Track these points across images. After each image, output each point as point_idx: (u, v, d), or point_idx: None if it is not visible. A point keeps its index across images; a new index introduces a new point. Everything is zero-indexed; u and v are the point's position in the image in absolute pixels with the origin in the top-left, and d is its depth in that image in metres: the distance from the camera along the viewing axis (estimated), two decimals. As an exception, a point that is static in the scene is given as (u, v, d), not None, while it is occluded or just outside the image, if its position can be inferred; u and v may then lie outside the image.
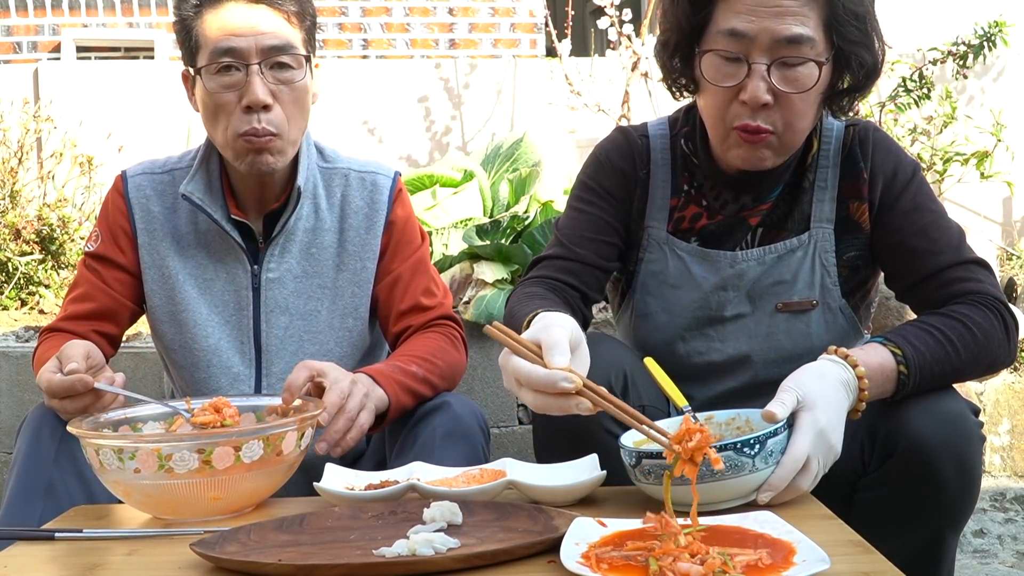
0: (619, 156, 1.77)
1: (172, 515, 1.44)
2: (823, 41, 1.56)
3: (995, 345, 1.56)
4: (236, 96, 1.78)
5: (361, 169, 1.97)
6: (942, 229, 1.65)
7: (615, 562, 1.11)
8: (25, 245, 3.57)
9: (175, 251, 1.90)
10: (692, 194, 1.74)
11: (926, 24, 4.80)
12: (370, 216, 1.94)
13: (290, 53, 1.79)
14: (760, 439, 1.29)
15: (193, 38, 1.81)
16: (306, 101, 1.85)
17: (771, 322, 1.70)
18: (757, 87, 1.55)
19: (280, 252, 1.90)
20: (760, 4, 1.53)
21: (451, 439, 1.72)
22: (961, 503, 1.51)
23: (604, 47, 4.63)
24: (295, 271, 1.90)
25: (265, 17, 1.79)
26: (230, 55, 1.77)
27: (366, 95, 4.80)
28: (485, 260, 3.01)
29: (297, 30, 1.82)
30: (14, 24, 5.14)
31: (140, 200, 1.93)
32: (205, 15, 1.79)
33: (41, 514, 1.59)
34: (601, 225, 1.75)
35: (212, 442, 1.39)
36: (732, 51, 1.56)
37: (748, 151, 1.60)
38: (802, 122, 1.60)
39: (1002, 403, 3.01)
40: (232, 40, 1.77)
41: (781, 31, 1.53)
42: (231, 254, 1.90)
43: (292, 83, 1.80)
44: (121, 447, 1.40)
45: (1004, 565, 2.66)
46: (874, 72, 1.62)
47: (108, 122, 4.45)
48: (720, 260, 1.71)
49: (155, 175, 1.95)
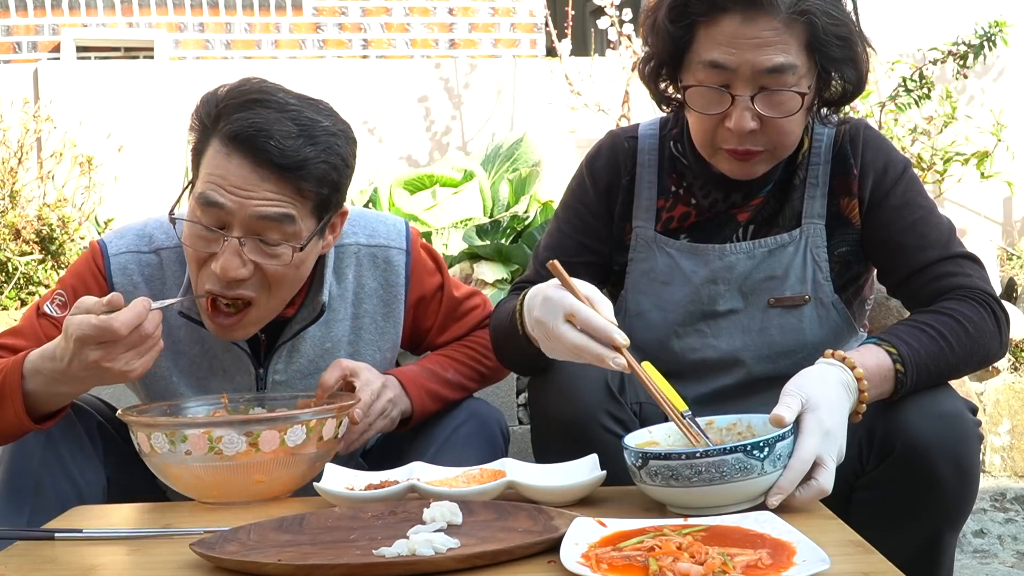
0: (602, 167, 1.80)
1: (217, 497, 1.52)
2: (806, 63, 1.57)
3: (987, 339, 1.57)
4: (208, 255, 1.56)
5: (371, 244, 1.78)
6: (931, 224, 1.66)
7: (615, 562, 1.11)
8: (25, 245, 3.57)
9: (167, 348, 1.66)
10: (680, 194, 1.76)
11: (926, 24, 4.80)
12: (388, 302, 1.79)
13: (285, 229, 1.55)
14: (769, 442, 1.29)
15: (199, 155, 1.59)
16: (301, 271, 1.63)
17: (764, 317, 1.71)
18: (742, 116, 1.56)
19: (288, 354, 1.74)
20: (740, 35, 1.53)
21: (472, 440, 1.73)
22: (959, 502, 1.51)
23: (604, 47, 4.63)
24: (305, 370, 1.76)
25: (268, 187, 1.53)
26: (214, 211, 1.54)
27: (366, 95, 4.81)
28: (485, 260, 3.01)
29: (308, 200, 1.56)
30: (14, 24, 5.14)
31: (126, 287, 1.70)
32: (211, 144, 1.57)
33: (30, 515, 1.58)
34: (570, 245, 1.78)
35: (260, 427, 1.47)
36: (714, 83, 1.56)
37: (739, 166, 1.63)
38: (790, 138, 1.63)
39: (1002, 403, 3.01)
40: (221, 196, 1.53)
41: (762, 63, 1.53)
42: (230, 356, 1.73)
43: (279, 260, 1.57)
44: (173, 430, 1.47)
45: (1004, 565, 2.66)
46: (860, 83, 1.63)
47: (108, 122, 4.45)
48: (709, 253, 1.72)
49: (141, 255, 1.72)
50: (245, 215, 1.53)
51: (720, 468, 1.27)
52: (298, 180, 1.54)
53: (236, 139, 1.53)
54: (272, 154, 1.52)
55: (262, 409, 1.68)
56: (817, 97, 1.63)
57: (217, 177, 1.54)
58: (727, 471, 1.27)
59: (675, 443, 1.44)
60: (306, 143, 1.54)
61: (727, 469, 1.27)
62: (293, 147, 1.52)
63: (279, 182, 1.53)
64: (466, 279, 2.97)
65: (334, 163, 1.57)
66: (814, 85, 1.60)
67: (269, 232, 1.55)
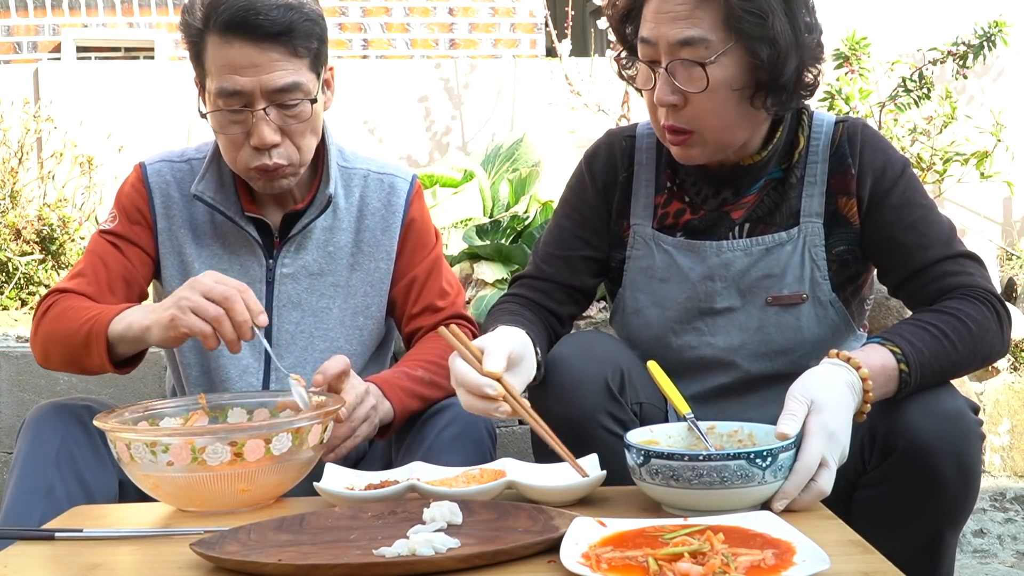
0: (597, 164, 1.82)
1: (199, 507, 1.48)
2: (722, 39, 1.57)
3: (990, 337, 1.57)
4: (243, 133, 1.78)
5: (380, 171, 1.98)
6: (931, 223, 1.66)
7: (615, 562, 1.11)
8: (25, 245, 3.57)
9: (192, 240, 1.91)
10: (675, 190, 1.77)
11: (926, 24, 4.80)
12: (386, 218, 1.95)
13: (297, 91, 1.76)
14: (773, 452, 1.29)
15: (201, 60, 1.79)
16: (317, 124, 1.84)
17: (762, 316, 1.71)
18: (660, 89, 1.61)
19: (296, 249, 1.91)
20: (659, 11, 1.60)
21: (459, 441, 1.73)
22: (961, 502, 1.51)
23: (604, 47, 4.63)
24: (310, 268, 1.92)
25: (270, 58, 1.74)
26: (236, 97, 1.75)
27: (366, 95, 4.81)
28: (485, 260, 3.01)
29: (304, 57, 1.77)
30: (14, 24, 5.14)
31: (160, 186, 1.93)
32: (210, 45, 1.75)
33: (41, 515, 1.59)
34: (571, 240, 1.81)
35: (244, 435, 1.44)
36: (646, 58, 1.63)
37: (678, 151, 1.67)
38: (716, 119, 1.62)
39: (1002, 403, 3.01)
40: (237, 82, 1.73)
41: (674, 35, 1.58)
42: (246, 248, 1.91)
43: (300, 118, 1.79)
44: (154, 440, 1.43)
45: (1004, 565, 2.66)
46: (778, 64, 1.58)
47: (108, 122, 4.45)
48: (706, 250, 1.72)
49: (174, 163, 1.95)
50: (262, 88, 1.74)
51: (721, 473, 1.27)
52: (292, 42, 1.74)
53: (231, 26, 1.72)
54: (265, 27, 1.72)
55: (241, 409, 1.67)
56: (747, 81, 1.60)
57: (226, 66, 1.74)
58: (728, 476, 1.27)
59: (675, 444, 1.45)
60: (286, 9, 1.74)
61: (728, 475, 1.27)
62: (279, 15, 1.73)
63: (278, 48, 1.74)
64: (466, 279, 2.97)
65: (314, 19, 1.78)
66: (740, 64, 1.59)
67: (285, 96, 1.75)
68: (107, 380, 2.73)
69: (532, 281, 1.82)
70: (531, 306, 1.78)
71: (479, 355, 1.44)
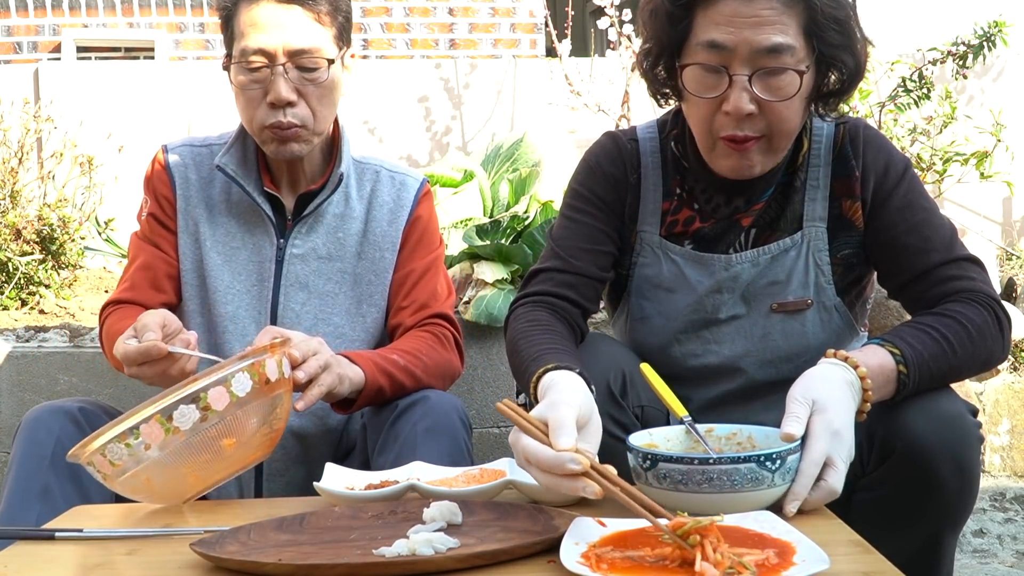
0: (609, 162, 1.78)
1: (200, 485, 1.47)
2: (804, 47, 1.55)
3: (990, 342, 1.57)
4: (262, 91, 1.87)
5: (392, 169, 2.08)
6: (934, 227, 1.65)
7: (615, 562, 1.11)
8: (25, 245, 3.56)
9: (207, 217, 1.99)
10: (684, 197, 1.74)
11: (926, 24, 4.80)
12: (395, 211, 2.02)
13: (315, 55, 1.86)
14: (782, 455, 1.29)
15: (231, 29, 1.90)
16: (333, 95, 1.93)
17: (766, 323, 1.70)
18: (739, 98, 1.54)
19: (308, 231, 1.98)
20: (738, 14, 1.52)
21: (432, 434, 1.72)
22: (959, 503, 1.51)
23: (604, 47, 4.63)
24: (320, 251, 1.98)
25: (295, 17, 1.86)
26: (258, 54, 1.85)
27: (366, 95, 4.81)
28: (485, 260, 3.01)
29: (328, 27, 1.89)
30: (14, 24, 5.14)
31: (179, 167, 2.02)
32: (241, 10, 1.88)
33: (38, 517, 1.59)
34: (596, 234, 1.76)
35: (202, 387, 1.41)
36: (712, 63, 1.55)
37: (737, 160, 1.61)
38: (788, 126, 1.60)
39: (1002, 403, 3.01)
40: (261, 39, 1.85)
41: (760, 41, 1.52)
42: (260, 226, 1.98)
43: (317, 81, 1.88)
44: (122, 431, 1.39)
45: (1004, 565, 2.66)
46: (857, 73, 1.61)
47: (108, 122, 4.45)
48: (715, 263, 1.71)
49: (195, 147, 2.05)
50: (284, 47, 1.85)
51: (731, 477, 1.26)
52: (316, 7, 1.86)
53: None
54: None
55: None
56: (815, 87, 1.61)
57: (252, 26, 1.85)
58: (738, 480, 1.27)
59: (674, 447, 1.44)
60: None
61: (738, 478, 1.27)
62: None
63: (302, 10, 1.86)
64: (466, 279, 2.97)
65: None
66: (813, 72, 1.58)
67: (305, 58, 1.86)
68: (107, 380, 2.73)
69: (561, 276, 1.73)
70: (560, 307, 1.71)
71: (543, 427, 1.30)
